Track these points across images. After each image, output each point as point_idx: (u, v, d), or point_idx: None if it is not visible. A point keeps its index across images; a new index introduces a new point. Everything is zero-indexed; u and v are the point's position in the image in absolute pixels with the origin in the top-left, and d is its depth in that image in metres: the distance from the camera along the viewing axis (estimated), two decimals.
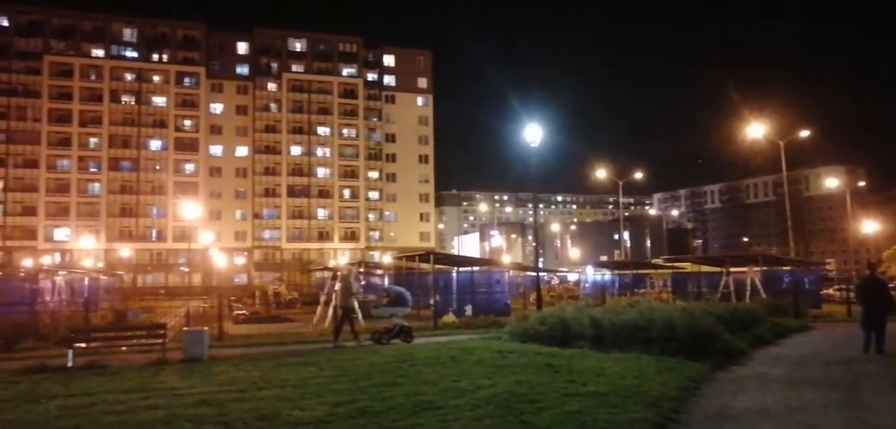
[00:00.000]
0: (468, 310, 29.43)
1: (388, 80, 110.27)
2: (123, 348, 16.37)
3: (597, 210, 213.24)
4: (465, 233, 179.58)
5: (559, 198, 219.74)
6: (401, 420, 8.56)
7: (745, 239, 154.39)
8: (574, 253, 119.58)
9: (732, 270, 32.97)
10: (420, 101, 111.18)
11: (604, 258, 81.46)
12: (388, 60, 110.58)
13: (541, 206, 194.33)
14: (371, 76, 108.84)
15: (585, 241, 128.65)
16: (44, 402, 10.33)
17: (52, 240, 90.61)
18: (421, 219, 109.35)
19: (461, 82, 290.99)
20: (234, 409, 9.41)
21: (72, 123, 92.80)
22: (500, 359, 13.58)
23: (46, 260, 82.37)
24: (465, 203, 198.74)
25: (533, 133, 24.19)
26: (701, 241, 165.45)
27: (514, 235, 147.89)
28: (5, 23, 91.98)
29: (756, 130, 47.17)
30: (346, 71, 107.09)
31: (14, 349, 18.72)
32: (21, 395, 10.95)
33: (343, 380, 11.65)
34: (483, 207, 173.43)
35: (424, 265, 34.18)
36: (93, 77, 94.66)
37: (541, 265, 45.30)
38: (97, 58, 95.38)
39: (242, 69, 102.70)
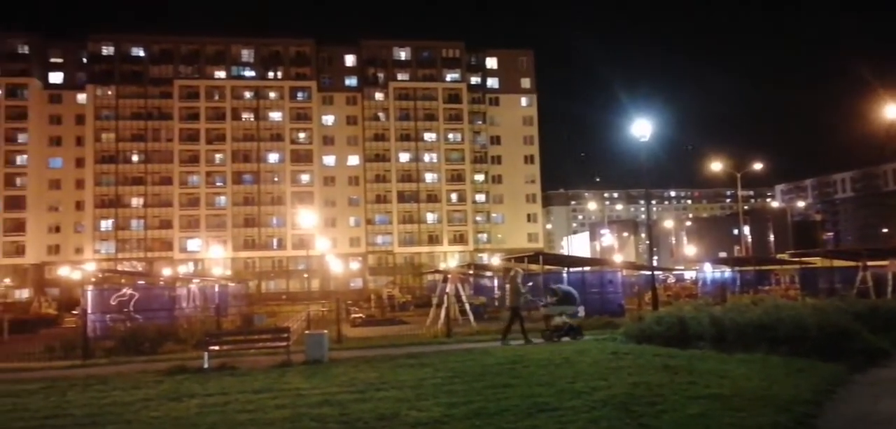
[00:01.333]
0: (580, 311, 28.90)
1: (491, 82, 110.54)
2: (251, 351, 17.41)
3: (713, 204, 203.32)
4: (574, 232, 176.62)
5: (672, 193, 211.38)
6: (516, 422, 8.57)
7: (885, 230, 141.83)
8: (690, 250, 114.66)
9: (870, 264, 30.43)
10: (524, 101, 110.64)
11: (723, 255, 77.55)
12: (491, 63, 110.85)
13: (653, 202, 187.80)
14: (474, 80, 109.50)
15: (702, 237, 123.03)
16: (185, 400, 11.18)
17: (186, 251, 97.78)
18: (528, 220, 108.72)
19: (565, 79, 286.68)
20: (355, 409, 9.78)
21: (199, 142, 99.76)
22: (616, 360, 13.28)
23: (182, 269, 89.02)
24: (573, 202, 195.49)
25: (642, 127, 23.47)
26: (831, 234, 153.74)
27: (625, 234, 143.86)
28: (141, 52, 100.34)
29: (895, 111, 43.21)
30: (449, 76, 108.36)
31: (158, 352, 20.38)
32: (165, 394, 11.91)
33: (457, 381, 11.81)
34: (592, 206, 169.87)
35: (533, 266, 33.96)
36: (216, 97, 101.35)
37: (655, 264, 43.82)
38: (220, 79, 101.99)
39: (351, 81, 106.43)
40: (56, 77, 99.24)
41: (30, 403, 11.53)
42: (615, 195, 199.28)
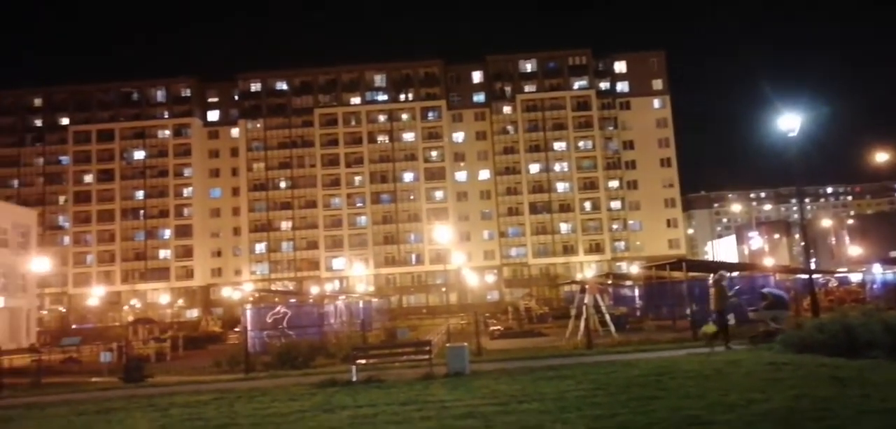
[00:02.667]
0: (730, 319, 27.21)
1: (621, 86, 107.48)
2: (396, 364, 18.03)
3: (879, 199, 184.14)
4: (719, 236, 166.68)
5: (829, 190, 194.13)
6: None
7: None
8: (854, 250, 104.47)
9: None
10: (656, 103, 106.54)
11: (895, 254, 69.74)
12: (620, 67, 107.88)
13: (807, 200, 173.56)
14: (603, 85, 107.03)
15: (868, 235, 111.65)
16: (337, 412, 11.80)
17: (331, 269, 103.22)
18: (668, 225, 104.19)
19: (700, 77, 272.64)
20: (499, 421, 9.85)
21: (339, 166, 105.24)
22: (773, 371, 12.40)
23: (328, 287, 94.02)
24: (715, 205, 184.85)
25: (790, 121, 21.82)
26: None
27: (776, 235, 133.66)
28: (284, 86, 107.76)
29: None
30: (577, 84, 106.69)
31: (310, 365, 21.66)
32: (319, 405, 12.64)
33: (601, 394, 11.56)
34: (736, 207, 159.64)
35: (676, 273, 32.45)
36: (353, 122, 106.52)
37: (813, 266, 40.36)
38: (355, 105, 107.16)
39: (479, 97, 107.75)
40: (213, 115, 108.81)
41: (204, 412, 12.68)
42: (762, 195, 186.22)
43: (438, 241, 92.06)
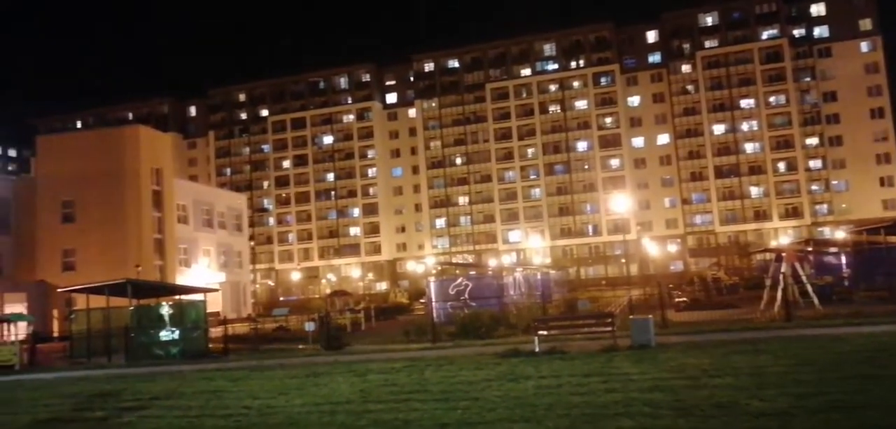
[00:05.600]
0: None
1: (819, 31, 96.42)
2: (577, 336, 18.02)
3: None
4: None
5: None
6: (889, 418, 7.49)
7: None
8: None
9: None
10: (864, 46, 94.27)
11: None
12: (817, 9, 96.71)
13: None
14: (797, 32, 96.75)
15: None
16: (522, 382, 12.10)
17: (508, 241, 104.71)
18: (881, 184, 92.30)
19: None
20: (689, 396, 9.53)
21: (512, 139, 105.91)
22: None
23: (505, 259, 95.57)
24: None
25: None
26: None
27: None
28: (456, 64, 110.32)
29: None
30: (766, 34, 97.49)
31: (492, 336, 22.29)
32: (504, 375, 13.03)
33: (806, 370, 10.72)
34: None
35: (894, 238, 28.80)
36: (524, 94, 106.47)
37: None
38: (526, 77, 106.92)
39: (654, 57, 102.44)
40: (391, 97, 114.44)
41: (398, 378, 13.62)
42: None
43: (616, 210, 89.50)
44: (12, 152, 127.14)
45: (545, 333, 17.33)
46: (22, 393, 15.59)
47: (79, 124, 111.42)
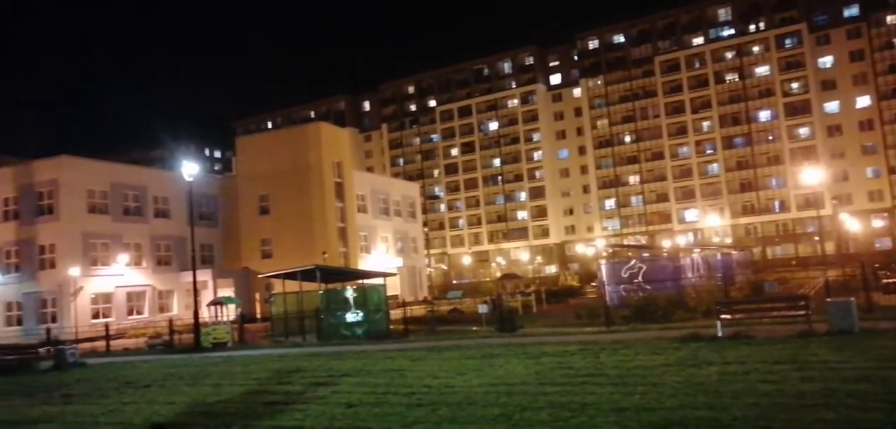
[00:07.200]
0: None
1: None
2: (765, 320, 16.81)
3: None
4: None
5: None
6: None
7: None
8: None
9: None
10: None
11: None
12: None
13: None
14: None
15: None
16: (704, 367, 11.56)
17: (684, 221, 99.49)
18: None
19: None
20: None
21: (685, 113, 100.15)
22: None
23: (681, 240, 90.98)
24: None
25: None
26: None
27: None
28: (621, 39, 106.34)
29: None
30: None
31: (669, 320, 21.45)
32: (683, 360, 12.52)
33: None
34: None
35: None
36: (697, 65, 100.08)
37: None
38: (698, 46, 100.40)
39: (851, 10, 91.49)
40: (555, 78, 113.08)
41: (572, 362, 13.60)
42: None
43: (807, 184, 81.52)
44: (217, 153, 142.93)
45: (728, 317, 16.36)
46: (235, 367, 17.64)
47: (269, 125, 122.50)
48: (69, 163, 44.26)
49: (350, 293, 27.39)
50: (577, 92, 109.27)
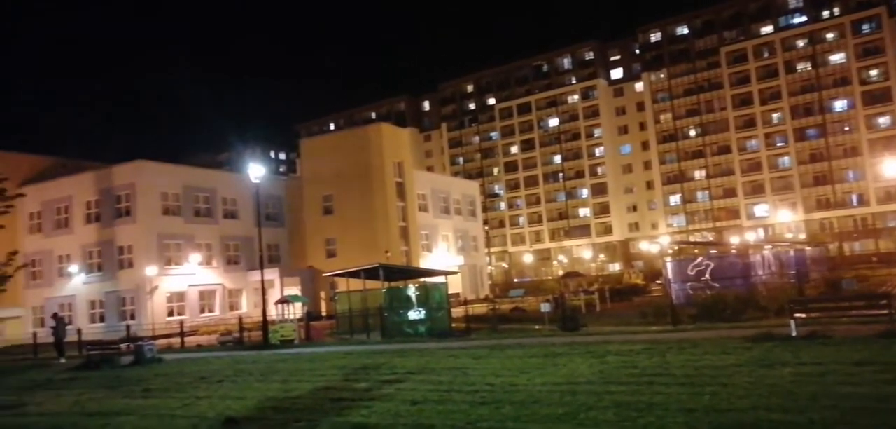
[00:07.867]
0: None
1: None
2: (843, 319, 16.09)
3: None
4: None
5: None
6: None
7: None
8: None
9: None
10: None
11: None
12: None
13: None
14: None
15: None
16: (777, 368, 11.15)
17: (753, 217, 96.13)
18: None
19: None
20: None
21: (753, 105, 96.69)
22: None
23: (750, 236, 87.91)
24: None
25: None
26: None
27: None
28: (685, 30, 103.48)
29: None
30: None
31: (739, 318, 20.79)
32: (755, 360, 12.11)
33: None
34: None
35: None
36: (765, 54, 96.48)
37: None
38: (767, 35, 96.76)
39: None
40: (616, 73, 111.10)
41: (638, 361, 13.35)
42: None
43: (887, 176, 77.48)
44: (281, 155, 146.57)
45: (803, 315, 15.73)
46: (303, 364, 18.08)
47: (332, 126, 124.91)
48: (145, 167, 46.21)
49: (412, 291, 27.62)
50: (639, 86, 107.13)
